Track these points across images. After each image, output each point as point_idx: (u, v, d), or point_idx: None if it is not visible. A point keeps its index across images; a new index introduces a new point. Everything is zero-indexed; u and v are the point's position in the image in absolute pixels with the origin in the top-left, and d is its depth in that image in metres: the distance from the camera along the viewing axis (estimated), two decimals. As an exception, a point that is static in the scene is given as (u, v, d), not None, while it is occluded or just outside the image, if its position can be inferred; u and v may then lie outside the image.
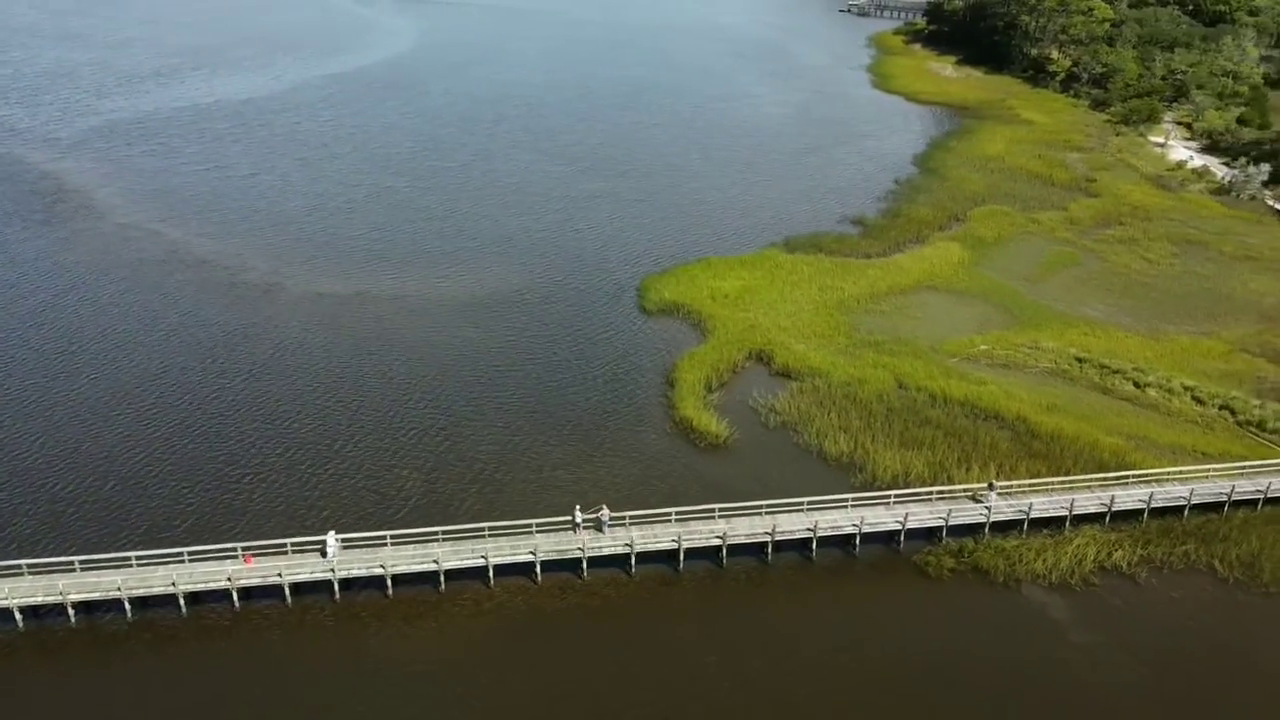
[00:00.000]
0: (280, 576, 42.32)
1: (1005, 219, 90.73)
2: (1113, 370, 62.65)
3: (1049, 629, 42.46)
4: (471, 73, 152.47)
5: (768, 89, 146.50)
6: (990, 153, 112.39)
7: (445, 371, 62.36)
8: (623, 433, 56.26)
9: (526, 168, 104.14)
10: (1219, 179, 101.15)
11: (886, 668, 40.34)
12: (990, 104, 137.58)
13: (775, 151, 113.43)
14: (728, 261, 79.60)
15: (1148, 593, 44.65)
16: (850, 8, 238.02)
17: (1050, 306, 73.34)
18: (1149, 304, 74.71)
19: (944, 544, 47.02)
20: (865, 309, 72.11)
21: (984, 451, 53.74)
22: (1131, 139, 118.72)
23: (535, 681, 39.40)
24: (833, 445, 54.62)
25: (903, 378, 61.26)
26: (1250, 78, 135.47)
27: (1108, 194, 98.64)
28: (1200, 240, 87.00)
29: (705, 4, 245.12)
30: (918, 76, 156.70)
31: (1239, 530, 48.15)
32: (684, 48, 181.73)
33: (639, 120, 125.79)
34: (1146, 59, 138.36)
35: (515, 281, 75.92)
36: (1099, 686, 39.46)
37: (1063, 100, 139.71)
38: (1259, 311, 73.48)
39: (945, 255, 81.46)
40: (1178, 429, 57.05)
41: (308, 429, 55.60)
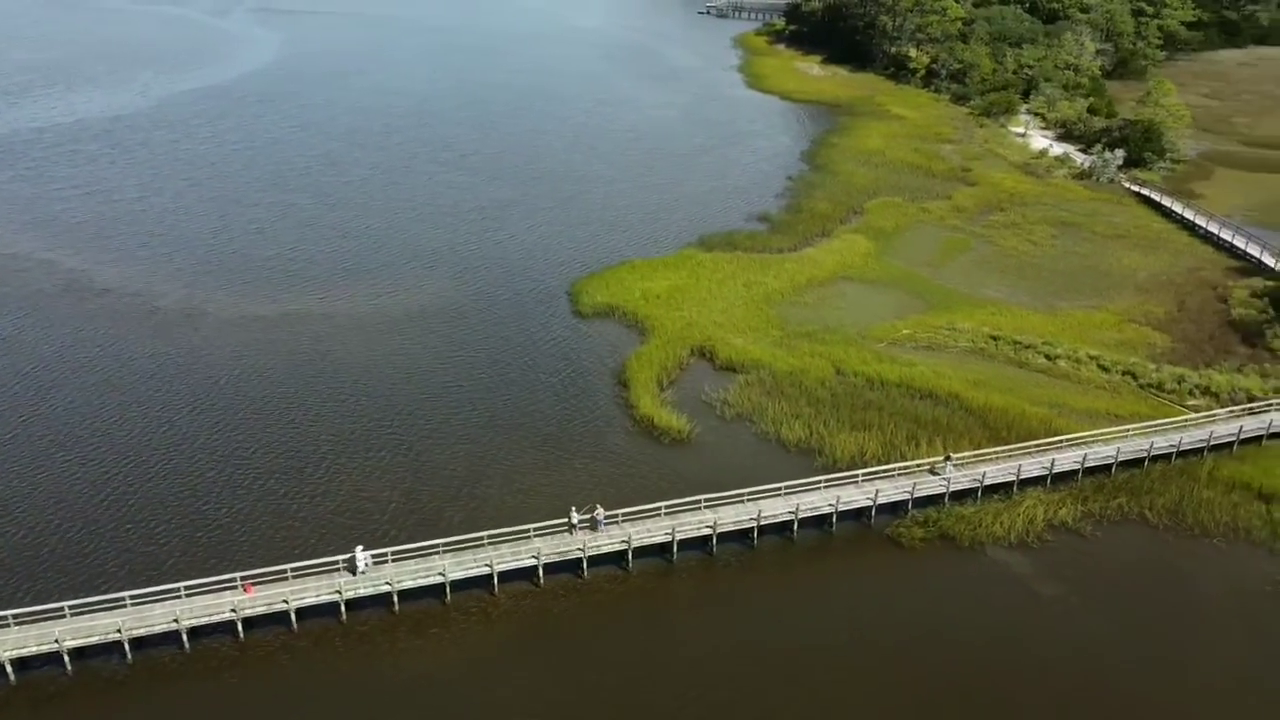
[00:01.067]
0: (286, 603, 41.94)
1: (899, 210, 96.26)
2: (1025, 345, 68.03)
3: (1016, 584, 46.40)
4: (348, 83, 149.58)
5: (649, 92, 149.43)
6: (871, 147, 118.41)
7: (396, 389, 62.16)
8: (587, 435, 57.64)
9: (431, 179, 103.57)
10: (1079, 165, 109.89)
11: (878, 633, 43.22)
12: (860, 101, 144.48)
13: (671, 154, 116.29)
14: (651, 263, 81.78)
15: (1093, 544, 49.25)
16: (709, 9, 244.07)
17: (956, 290, 78.64)
18: (1041, 283, 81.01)
19: (910, 515, 50.50)
20: (790, 301, 75.61)
21: (927, 428, 57.63)
22: (994, 130, 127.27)
23: (559, 682, 40.47)
24: (789, 432, 57.55)
25: (840, 365, 64.83)
26: (1089, 70, 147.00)
27: (984, 183, 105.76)
28: (1074, 222, 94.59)
29: (565, 9, 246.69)
30: (788, 76, 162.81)
31: (1160, 482, 53.51)
32: (556, 53, 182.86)
33: (532, 127, 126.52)
34: (998, 55, 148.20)
35: (447, 294, 75.94)
36: (1071, 629, 43.47)
37: (926, 95, 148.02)
38: (1135, 285, 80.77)
39: (853, 247, 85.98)
40: (1090, 395, 62.59)
41: (269, 458, 54.58)
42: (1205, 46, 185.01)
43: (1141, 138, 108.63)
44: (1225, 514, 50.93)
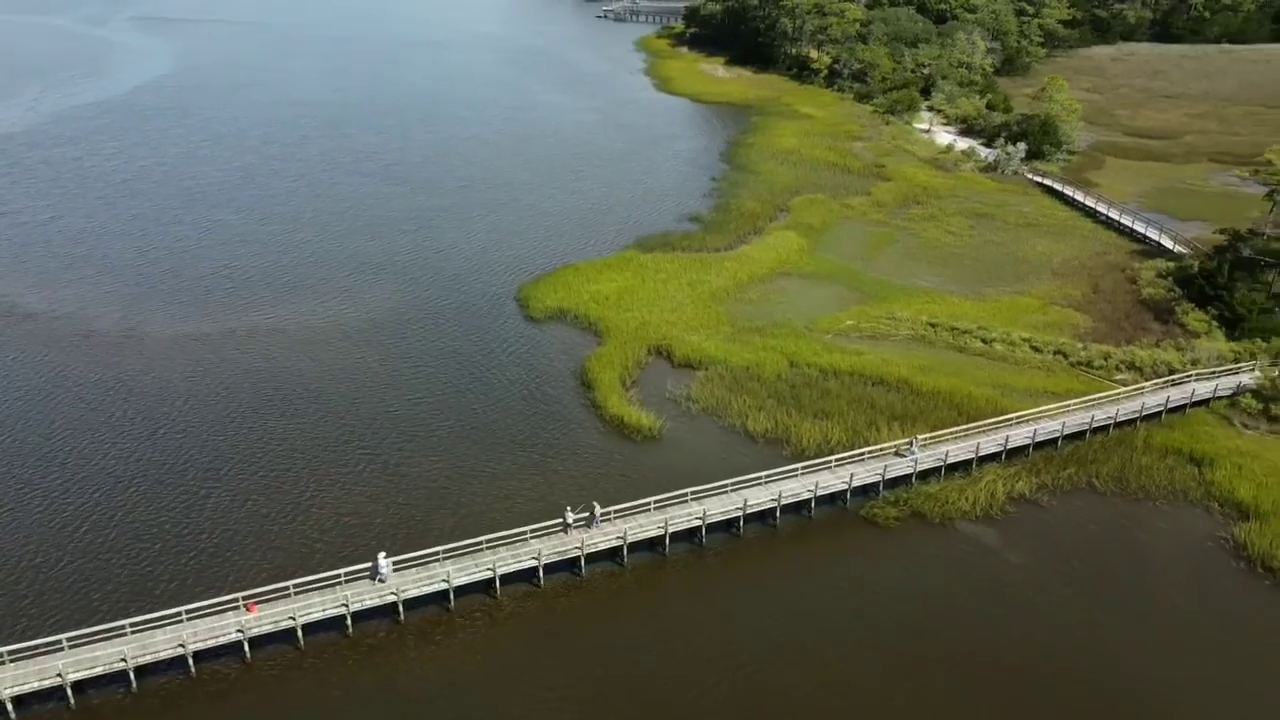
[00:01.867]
0: (293, 619, 41.74)
1: (823, 206, 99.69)
2: (962, 331, 71.72)
3: (988, 554, 49.33)
4: (252, 95, 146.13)
5: (563, 97, 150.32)
6: (786, 146, 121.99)
7: (360, 403, 61.73)
8: (560, 437, 58.49)
9: (358, 191, 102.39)
10: (984, 159, 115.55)
11: (868, 608, 45.39)
12: (768, 101, 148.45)
13: (595, 158, 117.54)
14: (594, 265, 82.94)
15: (1050, 513, 52.62)
16: (606, 13, 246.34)
17: (889, 281, 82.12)
18: (965, 271, 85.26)
19: (882, 496, 53.02)
20: (735, 298, 77.80)
21: (884, 413, 60.39)
22: (900, 127, 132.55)
23: (574, 678, 41.19)
24: (755, 424, 59.54)
25: (793, 357, 67.20)
26: (982, 68, 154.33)
27: (899, 178, 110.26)
28: (987, 213, 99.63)
29: (463, 15, 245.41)
30: (695, 78, 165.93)
31: (1102, 452, 57.45)
32: (462, 60, 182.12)
33: (451, 135, 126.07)
34: (896, 54, 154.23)
35: (395, 306, 75.57)
36: (1042, 592, 46.47)
37: (830, 95, 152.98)
38: (1051, 269, 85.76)
39: (786, 243, 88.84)
40: (1027, 375, 66.49)
41: (244, 479, 53.65)
42: (1081, 43, 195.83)
43: (1040, 131, 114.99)
44: (1163, 478, 55.07)
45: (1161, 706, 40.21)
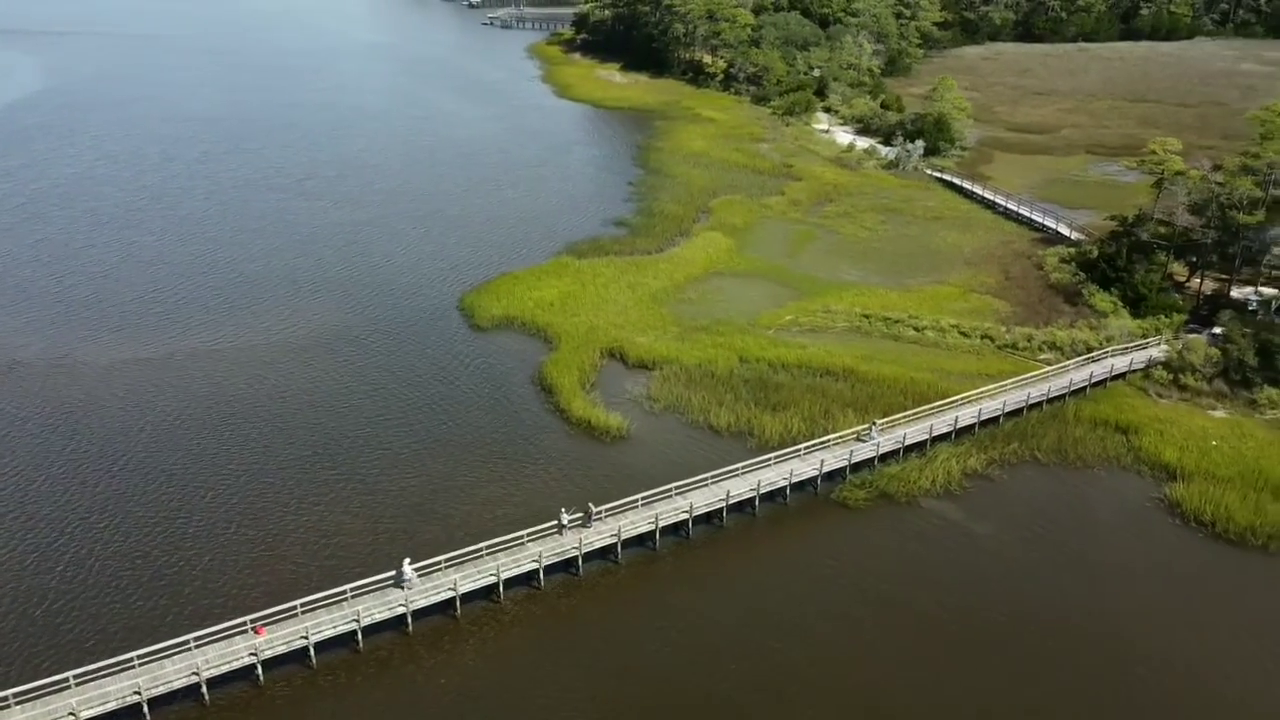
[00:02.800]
0: (306, 638, 41.57)
1: (742, 207, 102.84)
2: (894, 320, 75.52)
3: (954, 527, 52.59)
4: (139, 110, 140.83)
5: (466, 106, 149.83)
6: (694, 149, 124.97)
7: (318, 422, 60.93)
8: (530, 443, 59.29)
9: (275, 207, 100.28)
10: (884, 156, 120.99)
11: (852, 584, 47.86)
12: (669, 105, 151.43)
13: (511, 166, 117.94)
14: (531, 273, 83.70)
15: (1002, 486, 56.37)
16: (492, 20, 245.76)
17: (817, 276, 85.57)
18: (885, 264, 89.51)
19: (849, 480, 55.83)
20: (675, 299, 79.84)
21: (837, 401, 63.21)
22: (800, 128, 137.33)
23: (586, 675, 42.22)
24: (718, 419, 61.60)
25: (742, 353, 69.58)
26: (869, 69, 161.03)
27: (808, 177, 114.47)
28: (895, 208, 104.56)
29: (342, 24, 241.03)
30: (593, 84, 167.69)
31: (1039, 427, 61.73)
32: (353, 70, 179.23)
33: (362, 147, 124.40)
34: (789, 58, 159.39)
35: (337, 322, 74.76)
36: (1008, 558, 49.97)
37: (728, 98, 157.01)
38: (963, 259, 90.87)
39: (714, 244, 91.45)
40: (960, 359, 70.63)
41: (216, 508, 52.49)
42: (953, 44, 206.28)
43: (935, 129, 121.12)
44: (1097, 447, 59.63)
45: (1123, 644, 43.89)
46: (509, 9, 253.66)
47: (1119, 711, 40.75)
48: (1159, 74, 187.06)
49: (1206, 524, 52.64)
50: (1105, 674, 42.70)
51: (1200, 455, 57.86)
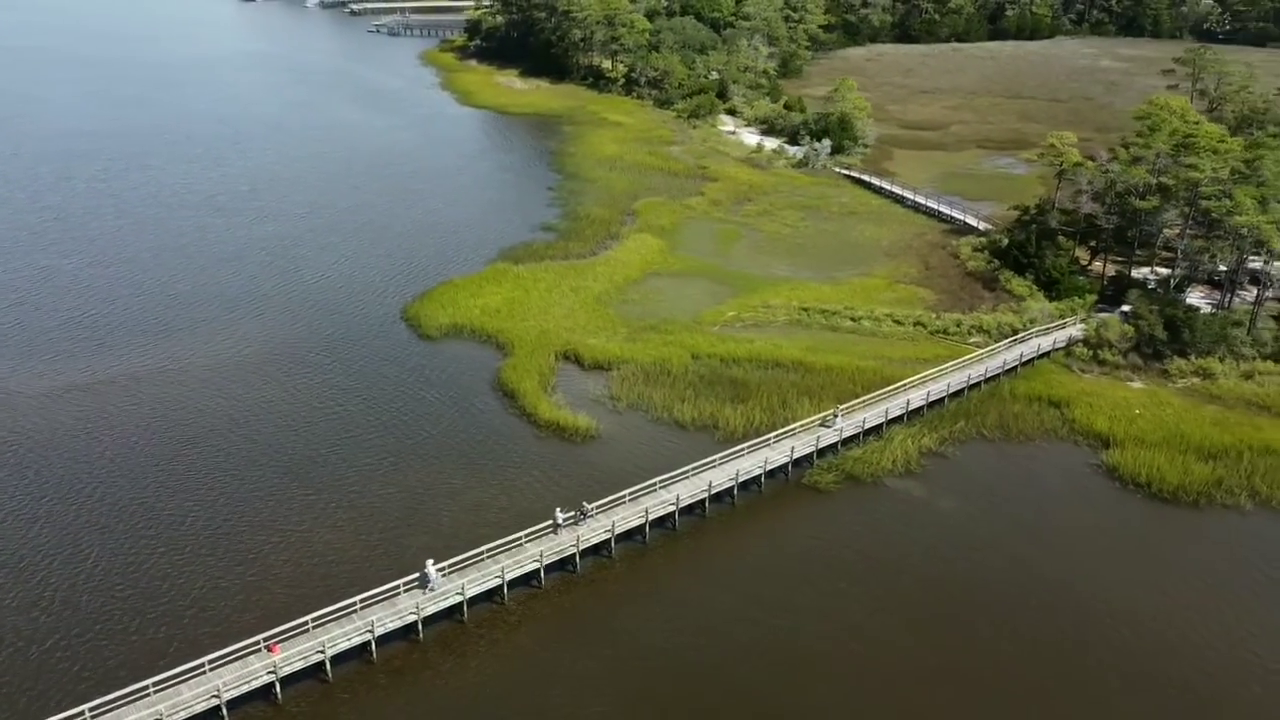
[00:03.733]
0: (323, 652, 41.49)
1: (665, 209, 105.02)
2: (831, 312, 78.84)
3: (919, 504, 55.71)
4: (21, 126, 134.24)
5: (370, 115, 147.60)
6: (607, 153, 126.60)
7: (282, 443, 59.83)
8: (502, 447, 59.91)
9: (191, 224, 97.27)
10: (792, 155, 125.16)
11: (833, 561, 50.33)
12: (574, 110, 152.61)
13: (429, 175, 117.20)
14: (470, 281, 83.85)
15: (956, 462, 59.93)
16: (377, 28, 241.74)
17: (749, 273, 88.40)
18: (812, 259, 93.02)
19: (817, 465, 58.49)
20: (619, 300, 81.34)
21: (792, 391, 65.83)
22: (707, 130, 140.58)
23: (603, 667, 43.49)
24: (681, 414, 63.43)
25: (693, 350, 71.59)
26: (766, 71, 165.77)
27: (723, 177, 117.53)
28: (812, 205, 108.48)
29: (220, 34, 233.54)
30: (495, 91, 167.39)
31: (980, 405, 65.77)
32: (243, 80, 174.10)
33: (273, 160, 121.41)
34: (688, 61, 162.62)
35: (282, 338, 73.53)
36: (974, 528, 53.36)
37: (631, 102, 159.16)
38: (883, 251, 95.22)
39: (646, 245, 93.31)
40: (898, 346, 74.35)
41: (196, 534, 51.56)
42: (838, 46, 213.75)
43: (839, 128, 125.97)
44: (1035, 421, 63.94)
45: (1079, 599, 47.67)
46: (395, 16, 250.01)
47: (1082, 656, 44.31)
48: (1029, 72, 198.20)
49: (1142, 485, 57.29)
50: (1067, 626, 46.29)
51: (1128, 423, 62.76)
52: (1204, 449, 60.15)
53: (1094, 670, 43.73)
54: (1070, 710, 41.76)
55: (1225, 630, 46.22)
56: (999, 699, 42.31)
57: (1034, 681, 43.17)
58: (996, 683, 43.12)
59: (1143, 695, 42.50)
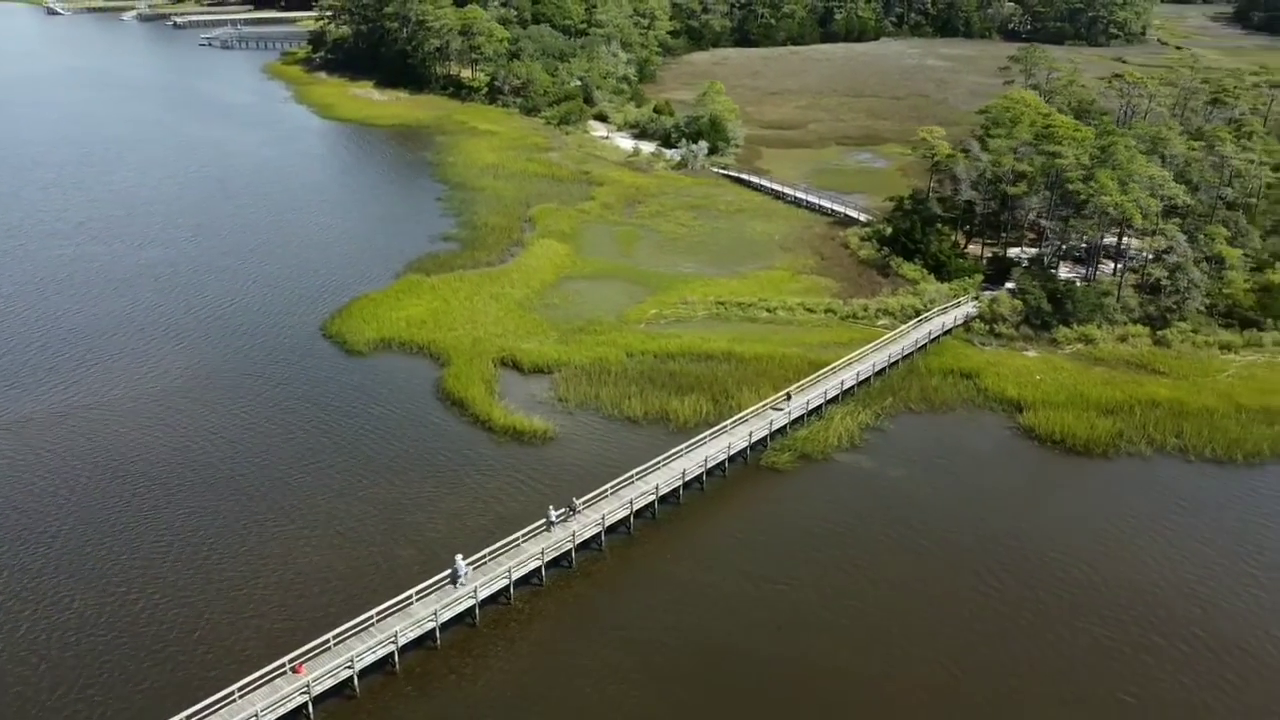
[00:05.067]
0: (351, 667, 41.35)
1: (561, 214, 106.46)
2: (747, 305, 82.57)
3: (871, 475, 59.82)
4: None
5: (230, 133, 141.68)
6: (488, 161, 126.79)
7: (236, 471, 58.21)
8: (463, 455, 60.37)
9: (66, 254, 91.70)
10: (670, 158, 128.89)
11: (807, 535, 53.64)
12: (441, 120, 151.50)
13: (311, 191, 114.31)
14: (385, 294, 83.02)
15: (892, 435, 64.44)
16: (210, 41, 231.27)
17: (659, 272, 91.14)
18: (713, 255, 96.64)
19: (771, 447, 61.77)
20: (540, 305, 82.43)
21: (730, 380, 68.99)
22: (582, 135, 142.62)
23: (629, 655, 45.21)
24: (631, 409, 65.49)
25: (626, 348, 73.70)
26: (627, 77, 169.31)
27: (608, 182, 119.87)
28: (700, 205, 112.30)
29: (41, 50, 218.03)
30: (354, 103, 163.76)
31: (902, 381, 70.80)
32: (80, 100, 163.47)
33: (134, 183, 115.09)
34: (550, 69, 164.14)
35: (206, 364, 71.03)
36: (925, 492, 57.84)
37: (497, 111, 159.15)
38: (778, 245, 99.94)
39: (553, 250, 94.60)
40: (815, 332, 78.74)
41: (173, 572, 50.18)
42: (684, 51, 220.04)
43: (712, 129, 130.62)
44: (952, 393, 69.44)
45: (1020, 544, 52.87)
46: (226, 29, 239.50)
47: (1034, 591, 49.33)
48: (865, 72, 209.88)
49: (1057, 442, 63.43)
50: (1017, 568, 51.32)
51: (1033, 388, 69.13)
52: (1101, 406, 67.11)
53: (1046, 601, 48.80)
54: (1031, 633, 46.51)
55: (1156, 558, 52.23)
56: (975, 635, 46.53)
57: (997, 613, 47.81)
58: (971, 623, 47.36)
59: (1091, 616, 47.67)
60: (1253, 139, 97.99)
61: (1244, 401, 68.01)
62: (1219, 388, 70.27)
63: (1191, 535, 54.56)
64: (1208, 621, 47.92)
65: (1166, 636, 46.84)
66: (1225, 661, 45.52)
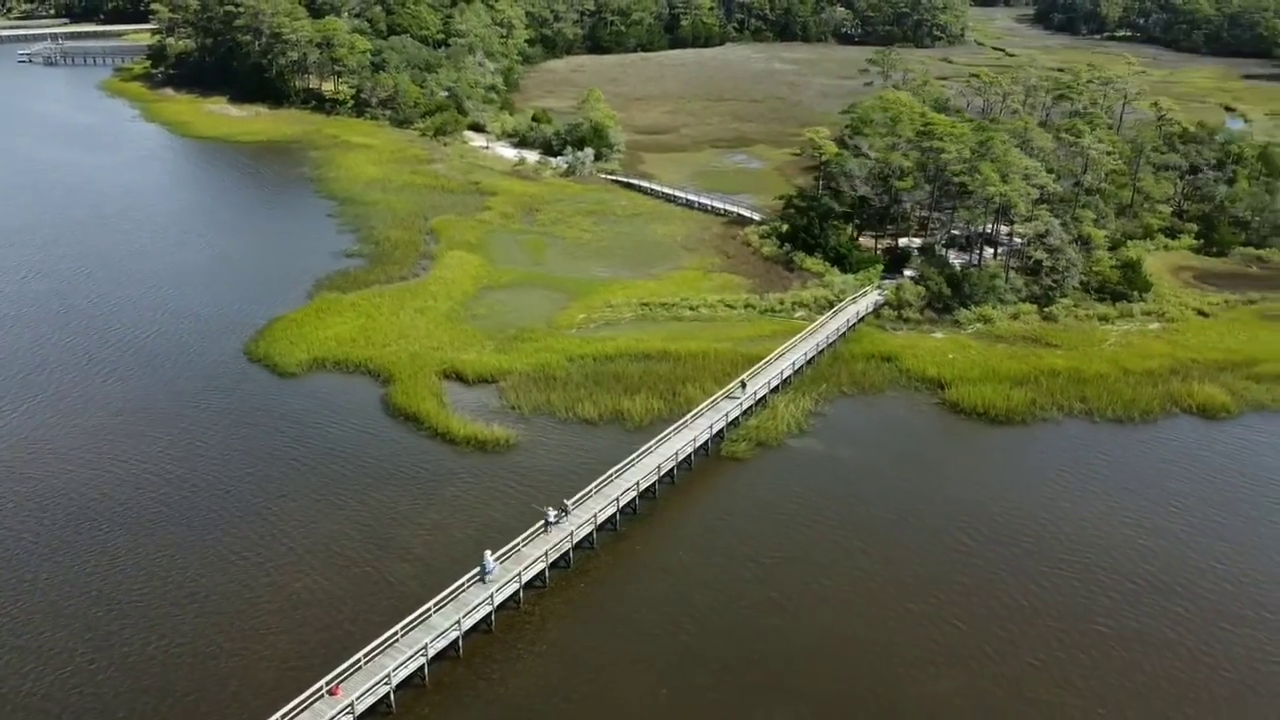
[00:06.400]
0: (389, 683, 41.37)
1: (462, 225, 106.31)
2: (670, 305, 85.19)
3: (824, 457, 63.39)
4: None
5: (83, 156, 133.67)
6: (372, 175, 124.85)
7: (203, 500, 56.57)
8: (430, 468, 60.43)
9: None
10: (557, 165, 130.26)
11: (780, 514, 56.64)
12: (311, 135, 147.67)
13: (191, 214, 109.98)
14: (304, 314, 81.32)
15: (834, 418, 68.34)
16: (30, 58, 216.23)
17: (576, 278, 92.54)
18: (622, 258, 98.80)
19: (728, 438, 64.51)
20: (467, 316, 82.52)
21: (674, 377, 71.39)
22: (461, 147, 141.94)
23: (649, 645, 46.79)
24: (585, 411, 66.88)
25: (565, 353, 74.95)
26: (495, 86, 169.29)
27: (500, 191, 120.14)
28: (596, 211, 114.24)
29: None
30: (211, 120, 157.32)
31: (830, 367, 74.96)
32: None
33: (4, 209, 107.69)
34: (418, 80, 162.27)
35: (135, 398, 68.16)
36: (873, 469, 61.90)
37: (367, 124, 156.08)
38: (682, 246, 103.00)
39: (466, 261, 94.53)
40: (739, 327, 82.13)
41: (168, 614, 48.57)
42: (541, 59, 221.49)
43: (595, 136, 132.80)
44: (877, 375, 74.08)
45: (973, 502, 57.66)
46: (45, 44, 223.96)
47: (985, 544, 54.04)
48: (718, 76, 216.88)
49: (981, 414, 68.88)
50: (969, 527, 55.95)
51: (949, 367, 74.63)
52: (1011, 378, 73.18)
53: (1000, 554, 53.48)
54: (988, 579, 51.00)
55: (1087, 509, 57.91)
56: (959, 587, 50.57)
57: (972, 566, 52.08)
58: (952, 576, 51.38)
59: (1051, 561, 52.62)
60: (1095, 131, 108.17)
61: (1129, 366, 75.69)
62: (1105, 355, 77.86)
63: (1113, 486, 60.63)
64: (1153, 557, 53.44)
65: (1116, 574, 52.05)
66: (1164, 588, 51.24)
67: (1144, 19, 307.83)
